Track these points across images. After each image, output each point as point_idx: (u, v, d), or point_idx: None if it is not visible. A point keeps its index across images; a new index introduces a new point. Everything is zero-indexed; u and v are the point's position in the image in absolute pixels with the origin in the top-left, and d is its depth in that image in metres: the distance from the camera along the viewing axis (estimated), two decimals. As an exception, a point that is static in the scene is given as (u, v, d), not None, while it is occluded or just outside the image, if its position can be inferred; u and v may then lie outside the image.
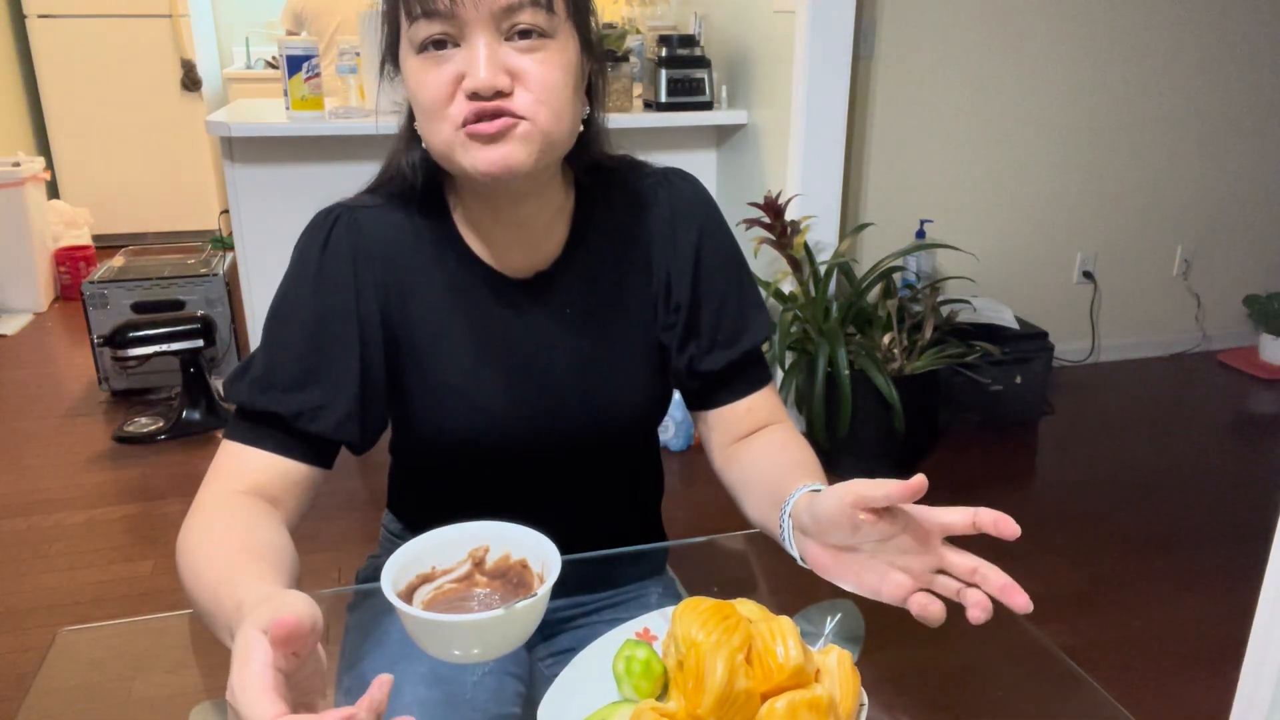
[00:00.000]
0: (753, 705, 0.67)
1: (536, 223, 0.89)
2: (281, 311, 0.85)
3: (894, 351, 2.64)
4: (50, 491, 2.59)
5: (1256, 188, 3.56)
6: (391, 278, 0.87)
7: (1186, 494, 2.63)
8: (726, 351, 0.93)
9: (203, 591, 0.68)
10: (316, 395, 0.83)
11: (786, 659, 0.67)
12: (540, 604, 0.68)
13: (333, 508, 2.45)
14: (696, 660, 0.67)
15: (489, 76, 0.74)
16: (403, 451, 1.01)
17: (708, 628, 0.69)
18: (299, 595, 0.57)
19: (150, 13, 4.79)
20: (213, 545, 0.72)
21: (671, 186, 0.95)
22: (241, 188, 2.69)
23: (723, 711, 0.67)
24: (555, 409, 0.90)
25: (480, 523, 0.75)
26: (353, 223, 0.87)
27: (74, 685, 0.89)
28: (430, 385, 0.88)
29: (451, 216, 0.89)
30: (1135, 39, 3.24)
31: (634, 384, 0.93)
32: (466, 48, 0.75)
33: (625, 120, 2.88)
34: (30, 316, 4.11)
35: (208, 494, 0.79)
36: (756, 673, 0.68)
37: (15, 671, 1.88)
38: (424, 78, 0.77)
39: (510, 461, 0.92)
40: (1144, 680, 1.89)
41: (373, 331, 0.86)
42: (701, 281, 0.93)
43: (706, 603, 0.72)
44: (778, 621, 0.71)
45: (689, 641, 0.69)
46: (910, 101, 3.10)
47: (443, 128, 0.77)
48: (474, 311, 0.89)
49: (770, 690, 0.68)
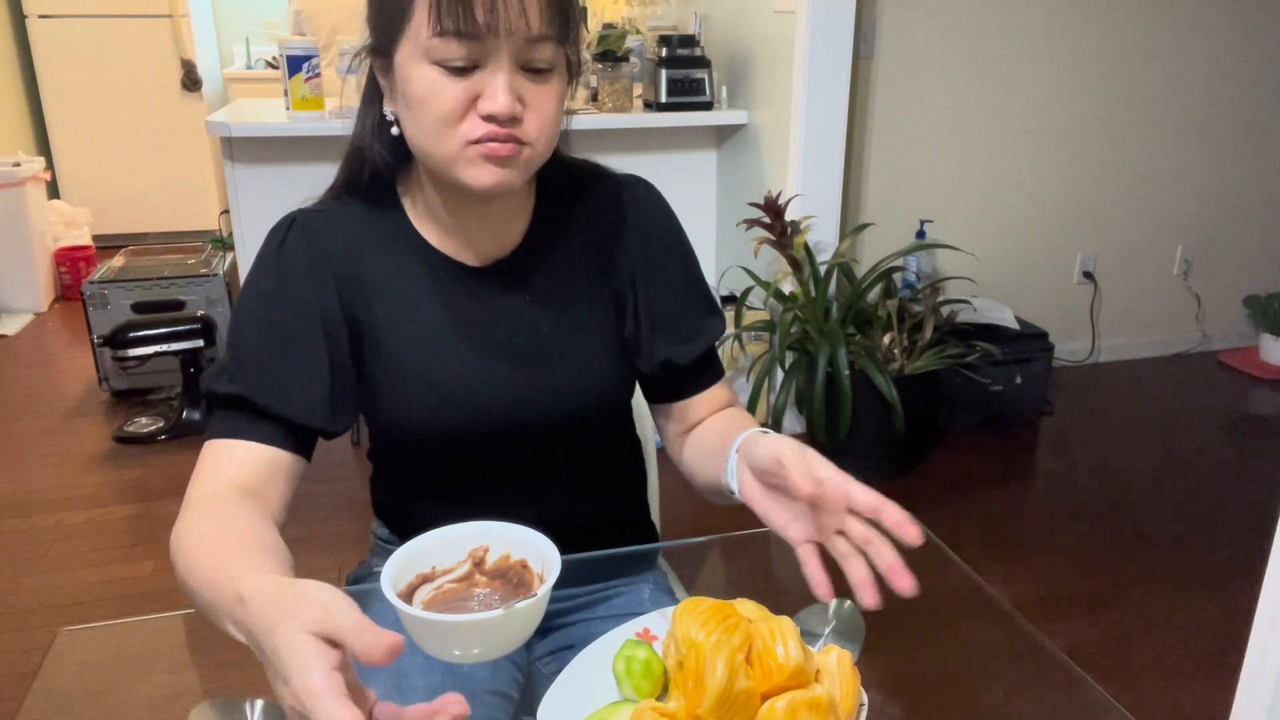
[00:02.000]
0: (753, 705, 0.67)
1: (500, 214, 0.92)
2: (242, 311, 0.88)
3: (894, 351, 2.64)
4: (50, 491, 2.60)
5: (1257, 188, 3.56)
6: (349, 273, 0.89)
7: (1186, 494, 2.63)
8: (686, 347, 0.97)
9: (200, 589, 0.69)
10: (281, 377, 0.85)
11: (786, 659, 0.67)
12: (540, 604, 0.68)
13: (330, 509, 2.45)
14: (697, 660, 0.67)
15: (507, 105, 0.77)
16: (379, 452, 1.03)
17: (708, 628, 0.69)
18: (330, 590, 0.57)
19: (150, 13, 4.79)
20: (204, 541, 0.72)
21: (633, 191, 0.99)
22: (241, 188, 2.69)
23: (723, 711, 0.66)
24: (519, 390, 0.92)
25: (480, 523, 0.75)
26: (308, 225, 0.90)
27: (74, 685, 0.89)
28: (394, 374, 0.90)
29: (404, 210, 0.92)
30: (1135, 39, 3.24)
31: (596, 364, 0.95)
32: (486, 72, 0.77)
33: (625, 120, 2.88)
34: (30, 316, 4.11)
35: (194, 494, 0.80)
36: (757, 673, 0.68)
37: (15, 671, 1.88)
38: (439, 89, 0.78)
39: (483, 448, 0.93)
40: (1144, 680, 1.89)
41: (335, 324, 0.88)
42: (656, 284, 0.97)
43: (706, 603, 0.72)
44: (778, 622, 0.71)
45: (689, 642, 0.69)
46: (910, 101, 3.10)
47: (450, 139, 0.79)
48: (432, 298, 0.91)
49: (770, 690, 0.68)
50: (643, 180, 1.00)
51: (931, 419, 2.85)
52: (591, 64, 2.92)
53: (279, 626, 0.55)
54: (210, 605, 0.67)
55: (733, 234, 2.96)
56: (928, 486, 2.67)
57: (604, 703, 0.73)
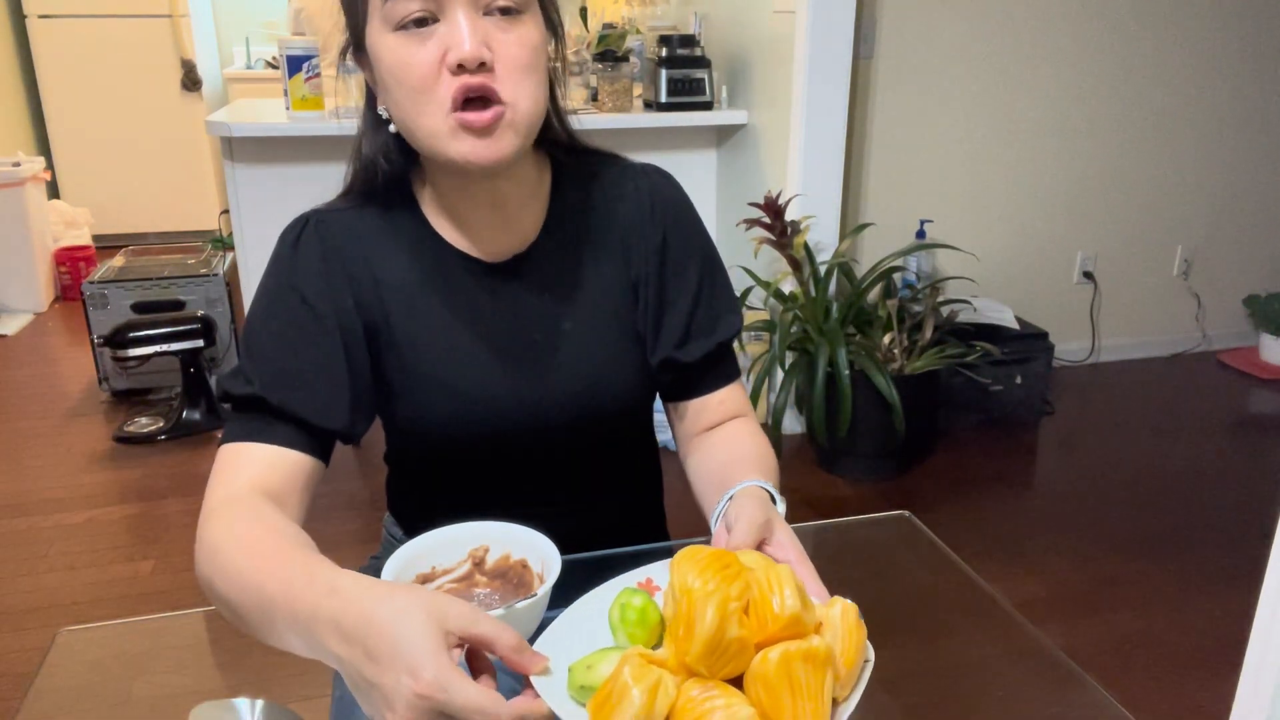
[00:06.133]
0: (745, 655, 0.64)
1: (512, 202, 0.89)
2: (256, 312, 0.86)
3: (894, 351, 2.64)
4: (50, 491, 2.59)
5: (1257, 188, 3.56)
6: (364, 272, 0.87)
7: (1186, 494, 2.63)
8: (701, 343, 0.94)
9: (247, 594, 0.66)
10: (298, 377, 0.83)
11: (782, 608, 0.64)
12: (540, 604, 0.68)
13: (333, 508, 2.45)
14: (689, 607, 0.64)
15: (473, 48, 0.74)
16: (395, 452, 1.01)
17: (705, 576, 0.65)
18: (468, 607, 0.59)
19: (150, 13, 4.79)
20: (247, 545, 0.69)
21: (650, 180, 0.96)
22: (241, 188, 2.69)
23: (713, 660, 0.63)
24: (539, 389, 0.90)
25: (480, 523, 0.75)
26: (321, 225, 0.88)
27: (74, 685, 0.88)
28: (411, 375, 0.89)
29: (420, 207, 0.90)
30: (1135, 39, 3.24)
31: (617, 362, 0.93)
32: (447, 22, 0.75)
33: (625, 120, 2.88)
34: (30, 316, 4.11)
35: (214, 500, 0.77)
36: (752, 623, 0.65)
37: (15, 671, 1.88)
38: (407, 56, 0.76)
39: (500, 449, 0.91)
40: (1144, 680, 1.89)
41: (351, 324, 0.86)
42: (675, 274, 0.94)
43: (706, 550, 0.69)
44: (776, 569, 0.67)
45: (684, 589, 0.65)
46: (910, 101, 3.10)
47: (432, 111, 0.77)
48: (450, 298, 0.89)
49: (766, 641, 0.65)
50: (659, 169, 0.98)
51: (931, 419, 2.85)
52: (591, 64, 2.92)
53: (404, 616, 0.56)
54: (259, 612, 0.65)
55: (733, 234, 2.96)
56: (928, 486, 2.67)
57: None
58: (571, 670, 0.65)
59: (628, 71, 2.90)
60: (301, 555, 0.66)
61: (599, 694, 0.62)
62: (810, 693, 0.63)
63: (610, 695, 0.61)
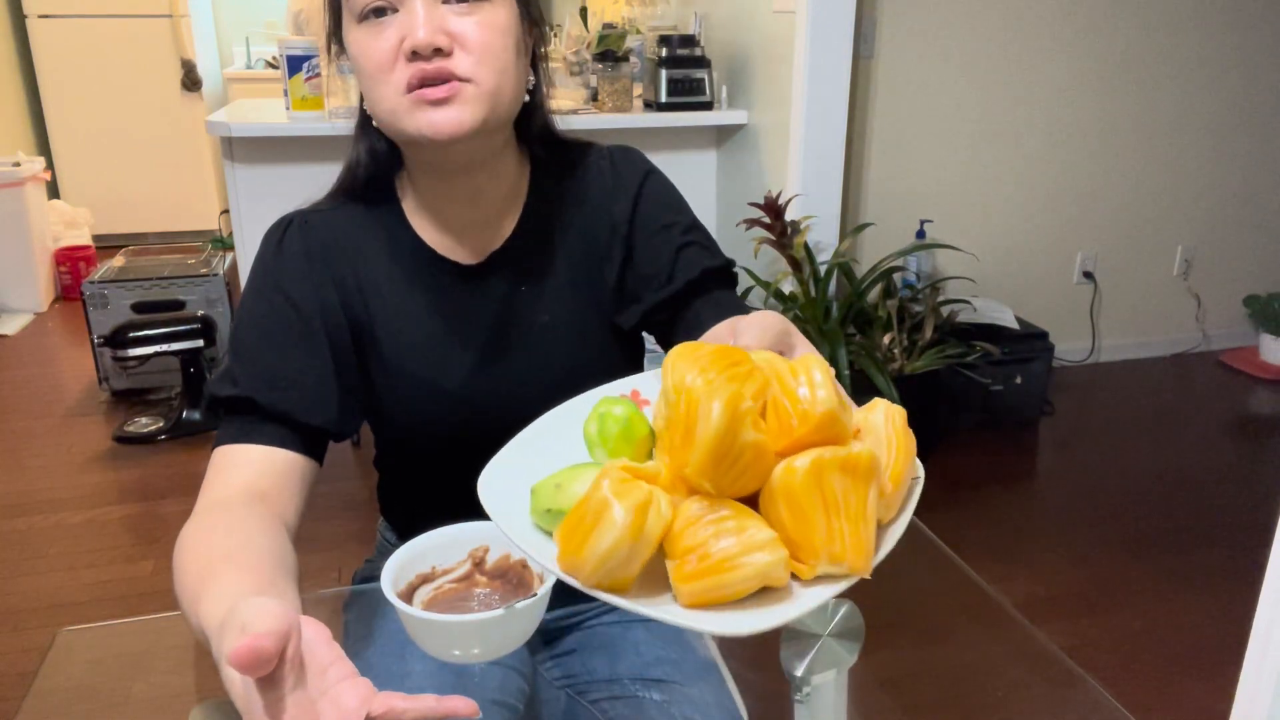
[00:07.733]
0: (763, 464, 0.48)
1: (490, 197, 0.89)
2: (242, 314, 0.87)
3: (894, 351, 2.64)
4: (50, 491, 2.59)
5: (1257, 187, 3.56)
6: (347, 272, 0.88)
7: (1186, 494, 2.63)
8: (684, 274, 0.91)
9: (186, 606, 0.66)
10: (286, 376, 0.83)
11: (813, 403, 0.48)
12: (540, 604, 0.67)
13: (332, 509, 2.45)
14: (688, 406, 0.48)
15: (427, 35, 0.75)
16: (384, 455, 1.01)
17: (708, 373, 0.49)
18: (261, 610, 0.51)
19: (150, 13, 4.79)
20: (195, 554, 0.70)
21: (612, 156, 0.96)
22: (241, 188, 2.69)
23: (720, 471, 0.47)
24: (518, 384, 0.91)
25: (480, 523, 0.75)
26: (305, 225, 0.89)
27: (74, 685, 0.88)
28: (394, 378, 0.89)
29: (401, 208, 0.91)
30: (1136, 39, 3.24)
31: (595, 352, 0.93)
32: (405, 10, 0.77)
33: (625, 120, 2.88)
34: (30, 316, 4.11)
35: (201, 503, 0.78)
36: (772, 426, 0.49)
37: (15, 671, 1.88)
38: (366, 46, 0.78)
39: (484, 446, 0.91)
40: (1144, 680, 1.89)
41: (336, 323, 0.87)
42: (643, 223, 0.93)
43: (708, 345, 0.53)
44: (803, 359, 0.52)
45: (681, 389, 0.49)
46: (910, 101, 3.10)
47: (387, 93, 0.78)
48: (429, 297, 0.90)
49: (790, 447, 0.48)
50: (623, 146, 0.98)
51: (931, 419, 2.84)
52: (591, 64, 2.92)
53: (220, 662, 0.53)
54: (195, 629, 0.65)
55: (733, 234, 2.95)
56: (927, 486, 2.66)
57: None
58: (535, 492, 0.53)
59: (628, 71, 2.90)
60: (245, 579, 0.64)
61: (570, 517, 0.48)
62: (850, 513, 0.48)
63: (584, 517, 0.47)
